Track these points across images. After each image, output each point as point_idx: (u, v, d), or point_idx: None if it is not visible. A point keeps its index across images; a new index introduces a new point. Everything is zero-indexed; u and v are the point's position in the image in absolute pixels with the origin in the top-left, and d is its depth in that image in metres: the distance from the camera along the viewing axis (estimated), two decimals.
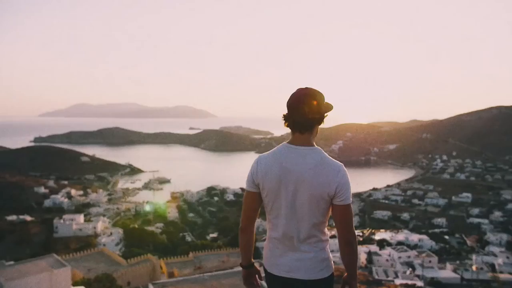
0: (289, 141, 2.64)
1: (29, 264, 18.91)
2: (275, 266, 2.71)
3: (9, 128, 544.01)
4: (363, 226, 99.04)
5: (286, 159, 2.54)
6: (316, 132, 2.69)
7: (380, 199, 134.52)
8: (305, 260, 2.61)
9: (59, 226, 71.62)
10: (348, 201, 2.54)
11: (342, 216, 2.55)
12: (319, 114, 2.58)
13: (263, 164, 2.61)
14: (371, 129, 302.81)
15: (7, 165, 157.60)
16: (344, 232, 2.58)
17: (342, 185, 2.50)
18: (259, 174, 2.60)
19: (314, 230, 2.60)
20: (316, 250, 2.63)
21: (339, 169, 2.54)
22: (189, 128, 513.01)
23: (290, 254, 2.64)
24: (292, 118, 2.59)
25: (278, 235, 2.65)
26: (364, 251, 62.62)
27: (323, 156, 2.57)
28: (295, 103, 2.56)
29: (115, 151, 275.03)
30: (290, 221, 2.57)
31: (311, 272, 2.61)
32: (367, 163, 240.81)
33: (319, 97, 2.59)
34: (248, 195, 2.72)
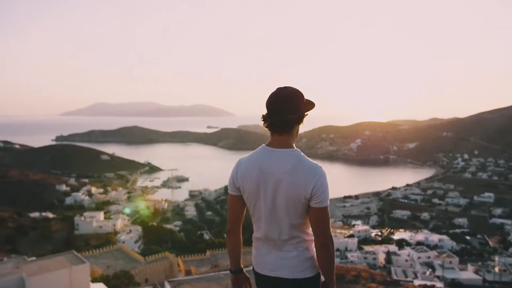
0: (268, 143, 2.59)
1: (49, 260, 19.26)
2: (260, 265, 2.71)
3: (32, 127, 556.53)
4: (382, 225, 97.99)
5: (264, 162, 2.52)
6: (297, 133, 2.64)
7: (399, 198, 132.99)
8: (289, 259, 2.59)
9: (79, 223, 72.89)
10: (324, 204, 2.48)
11: (318, 219, 2.50)
12: (298, 114, 2.53)
13: (243, 167, 2.59)
14: (390, 128, 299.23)
15: (30, 163, 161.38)
16: (319, 234, 2.53)
17: (318, 187, 2.44)
18: (239, 178, 2.59)
19: (295, 231, 2.57)
20: (299, 249, 2.60)
21: (316, 172, 2.47)
22: (207, 127, 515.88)
23: (274, 254, 2.63)
24: (271, 119, 2.54)
25: (261, 236, 2.66)
26: (382, 251, 61.99)
27: (301, 158, 2.52)
28: (273, 103, 2.52)
29: (134, 150, 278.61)
30: (271, 223, 2.56)
31: (295, 271, 2.59)
32: (386, 162, 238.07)
33: (298, 97, 2.54)
34: (231, 198, 2.71)
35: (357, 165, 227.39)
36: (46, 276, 16.94)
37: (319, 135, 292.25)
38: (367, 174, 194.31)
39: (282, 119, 2.49)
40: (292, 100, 2.50)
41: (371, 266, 53.22)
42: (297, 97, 2.53)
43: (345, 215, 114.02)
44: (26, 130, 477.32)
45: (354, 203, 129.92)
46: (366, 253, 60.47)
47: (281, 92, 2.53)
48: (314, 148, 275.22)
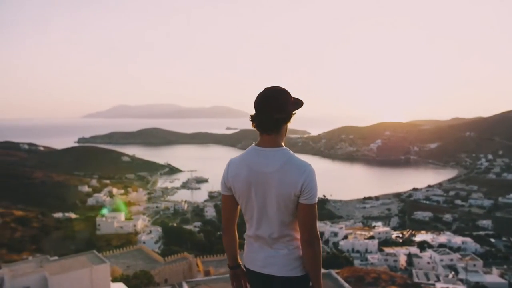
0: (257, 143, 2.64)
1: (71, 259, 19.63)
2: (251, 262, 2.77)
3: (55, 130, 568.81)
4: (403, 227, 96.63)
5: (253, 161, 2.57)
6: (285, 132, 2.67)
7: (421, 199, 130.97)
8: (279, 257, 2.63)
9: (101, 224, 74.06)
10: (312, 201, 2.50)
11: (305, 215, 2.52)
12: (285, 114, 2.56)
13: (233, 167, 2.66)
14: (410, 128, 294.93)
15: (54, 165, 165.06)
16: (305, 232, 2.55)
17: (307, 184, 2.45)
18: (229, 178, 2.65)
19: (286, 230, 2.61)
20: (290, 248, 2.63)
21: (305, 169, 2.49)
22: (226, 128, 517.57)
23: (265, 251, 2.68)
24: (259, 119, 2.57)
25: (252, 234, 2.71)
26: (404, 253, 61.10)
27: (290, 156, 2.55)
28: (260, 103, 2.55)
29: (154, 151, 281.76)
30: (262, 221, 2.61)
31: (284, 269, 2.62)
32: (406, 163, 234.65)
33: (285, 96, 2.56)
34: (223, 198, 2.77)
35: (377, 166, 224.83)
36: (67, 275, 17.28)
37: (338, 136, 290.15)
38: (388, 175, 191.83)
39: (269, 119, 2.53)
40: (279, 100, 2.53)
41: (392, 268, 52.51)
42: (284, 96, 2.55)
43: (365, 216, 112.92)
44: (49, 133, 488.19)
45: (374, 204, 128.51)
46: (386, 255, 59.72)
47: (268, 92, 2.56)
48: (333, 149, 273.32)
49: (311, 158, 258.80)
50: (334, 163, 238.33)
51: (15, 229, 66.57)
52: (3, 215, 73.69)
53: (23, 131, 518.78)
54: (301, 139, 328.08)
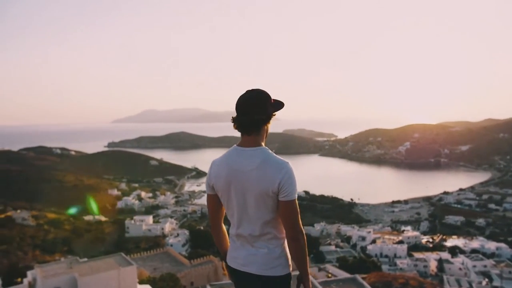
0: (238, 143, 2.74)
1: (99, 261, 20.06)
2: (232, 259, 2.83)
3: (86, 134, 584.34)
4: (433, 231, 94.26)
5: (233, 160, 2.65)
6: (265, 132, 2.76)
7: (452, 203, 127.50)
8: (259, 256, 2.69)
9: (130, 227, 75.47)
10: (291, 197, 2.55)
11: (287, 212, 2.58)
12: (264, 115, 2.66)
13: (215, 167, 2.76)
14: (440, 130, 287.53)
15: (85, 169, 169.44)
16: (289, 228, 2.61)
17: (285, 181, 2.52)
18: (212, 177, 2.76)
19: (267, 228, 2.66)
20: (270, 247, 2.69)
21: (283, 166, 2.56)
22: None
23: (246, 249, 2.73)
24: (239, 120, 2.68)
25: (234, 233, 2.78)
26: (434, 258, 59.48)
27: (269, 154, 2.63)
28: (240, 105, 2.66)
29: (182, 155, 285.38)
30: (243, 219, 2.69)
31: (264, 267, 2.67)
32: (436, 165, 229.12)
33: (264, 98, 2.68)
34: (208, 198, 2.88)
35: (406, 169, 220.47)
36: (96, 277, 17.67)
37: (366, 139, 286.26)
38: (417, 178, 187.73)
39: (249, 120, 2.63)
40: (259, 102, 2.65)
41: (422, 274, 51.24)
42: (264, 98, 2.68)
43: (393, 220, 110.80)
44: (80, 137, 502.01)
45: (403, 208, 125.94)
46: (416, 260, 58.28)
47: (248, 94, 2.68)
48: (361, 152, 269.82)
49: (338, 161, 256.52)
50: (362, 166, 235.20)
51: (48, 231, 68.71)
52: (37, 217, 76.20)
53: (56, 136, 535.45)
54: (328, 142, 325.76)
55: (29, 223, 69.33)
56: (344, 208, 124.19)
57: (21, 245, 57.06)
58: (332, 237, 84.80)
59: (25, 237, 61.20)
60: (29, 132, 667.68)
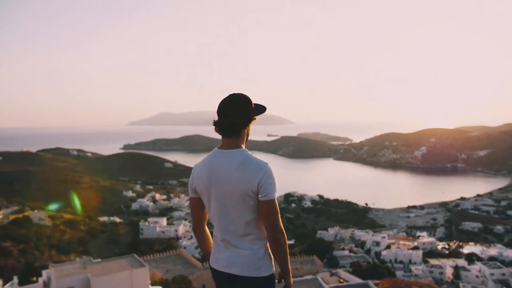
0: (219, 146, 2.83)
1: (112, 262, 20.25)
2: (216, 261, 2.86)
3: (102, 136, 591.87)
4: (450, 238, 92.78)
5: (214, 162, 2.74)
6: (245, 135, 2.86)
7: (469, 209, 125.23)
8: (242, 257, 2.72)
9: (144, 228, 76.04)
10: (270, 197, 2.60)
11: (267, 212, 2.62)
12: (244, 118, 2.75)
13: (197, 170, 2.84)
14: (458, 134, 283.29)
15: (101, 170, 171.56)
16: (270, 227, 2.66)
17: (264, 181, 2.58)
18: (194, 180, 2.83)
19: (249, 228, 2.70)
20: (253, 248, 2.72)
21: (262, 167, 2.63)
22: (267, 135, 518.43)
23: (229, 250, 2.76)
24: (220, 124, 2.75)
25: (217, 234, 2.83)
26: (450, 265, 58.47)
27: (248, 155, 2.71)
28: (221, 109, 2.74)
29: (196, 158, 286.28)
30: (224, 220, 2.72)
31: (247, 269, 2.70)
32: (453, 171, 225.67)
33: (245, 102, 2.76)
34: (191, 201, 2.94)
35: (422, 173, 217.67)
36: (109, 277, 17.84)
37: (381, 143, 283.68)
38: (433, 183, 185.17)
39: (229, 123, 2.71)
40: (239, 105, 2.73)
41: (438, 281, 50.42)
42: (244, 102, 2.76)
43: (409, 225, 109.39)
44: (97, 139, 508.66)
45: (419, 214, 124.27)
46: (432, 267, 57.37)
47: (228, 98, 2.77)
48: (376, 156, 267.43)
49: (352, 165, 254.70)
50: (377, 170, 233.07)
51: (64, 232, 69.57)
52: (54, 217, 77.25)
53: (73, 138, 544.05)
54: (342, 146, 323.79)
55: (45, 223, 70.32)
56: (358, 212, 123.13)
57: (38, 244, 57.90)
58: (346, 241, 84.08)
59: (41, 237, 62.07)
60: (47, 134, 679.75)
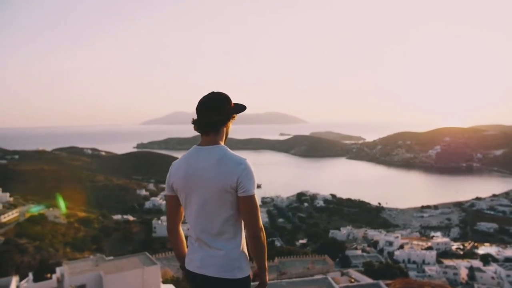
0: (198, 143, 2.78)
1: (124, 260, 20.45)
2: (190, 262, 2.78)
3: (116, 136, 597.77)
4: (464, 238, 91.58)
5: (191, 158, 2.69)
6: (224, 133, 2.82)
7: (485, 209, 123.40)
8: (216, 257, 2.64)
9: (157, 227, 76.61)
10: (250, 192, 2.57)
11: (246, 208, 2.59)
12: (223, 116, 2.72)
13: (175, 166, 2.77)
14: (473, 133, 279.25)
15: (114, 169, 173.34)
16: (249, 224, 2.62)
17: (243, 176, 2.55)
18: (171, 177, 2.76)
19: (226, 226, 2.64)
20: (228, 248, 2.64)
21: (241, 162, 2.60)
22: (280, 134, 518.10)
23: (203, 251, 2.69)
24: (198, 121, 2.73)
25: (193, 233, 2.76)
26: (465, 266, 57.72)
27: (226, 152, 2.67)
28: (199, 107, 2.73)
29: None
30: (200, 218, 2.67)
31: (221, 270, 2.62)
32: (468, 170, 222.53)
33: (223, 100, 2.74)
34: (167, 199, 2.86)
35: (436, 173, 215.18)
36: (121, 275, 18.01)
37: (394, 142, 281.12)
38: (448, 183, 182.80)
39: (207, 121, 2.69)
40: (217, 103, 2.71)
41: (452, 282, 49.81)
42: (223, 100, 2.74)
43: (422, 225, 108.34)
44: (111, 138, 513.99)
45: (433, 214, 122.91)
46: (446, 268, 56.72)
47: (207, 96, 2.76)
48: (389, 156, 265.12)
49: (365, 165, 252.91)
50: (390, 170, 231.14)
51: (79, 229, 70.42)
52: (68, 215, 78.31)
53: (87, 137, 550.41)
54: (355, 145, 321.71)
55: (60, 221, 71.26)
56: (371, 212, 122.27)
57: (53, 242, 58.76)
58: (359, 241, 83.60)
59: (56, 234, 62.94)
60: (62, 133, 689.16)
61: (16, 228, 60.68)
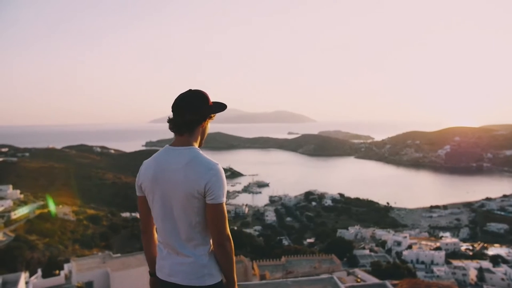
0: (171, 143, 2.66)
1: (131, 257, 20.60)
2: (160, 269, 2.64)
3: (125, 134, 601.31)
4: (474, 239, 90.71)
5: (161, 159, 2.55)
6: (201, 133, 2.70)
7: (495, 210, 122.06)
8: (185, 265, 2.52)
9: None
10: (219, 200, 2.42)
11: (213, 216, 2.44)
12: (198, 115, 2.59)
13: (144, 166, 2.63)
14: (483, 133, 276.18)
15: (123, 167, 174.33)
16: (215, 233, 2.48)
17: (212, 183, 2.40)
18: (140, 177, 2.61)
19: (193, 232, 2.50)
20: (196, 255, 2.52)
21: (211, 167, 2.47)
22: (288, 133, 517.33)
23: (172, 258, 2.56)
24: (173, 120, 2.61)
25: (160, 239, 2.61)
26: (474, 267, 57.14)
27: (197, 154, 2.53)
28: (174, 106, 2.59)
29: (217, 155, 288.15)
30: (167, 222, 2.52)
31: (190, 277, 2.51)
32: (479, 170, 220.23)
33: (200, 98, 2.60)
34: (138, 200, 2.70)
35: (445, 173, 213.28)
36: (127, 272, 18.15)
37: (403, 142, 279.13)
38: (457, 183, 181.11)
39: (181, 120, 2.57)
40: (193, 102, 2.57)
41: (460, 283, 49.38)
42: (199, 99, 2.59)
43: (431, 225, 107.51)
44: (120, 137, 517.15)
45: (442, 214, 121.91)
46: (455, 268, 56.20)
47: (183, 94, 2.60)
48: (398, 155, 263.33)
49: (374, 164, 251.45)
50: (399, 169, 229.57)
51: (87, 226, 71.01)
52: (77, 213, 78.99)
53: (96, 135, 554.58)
54: (364, 144, 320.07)
55: (69, 218, 71.94)
56: (379, 211, 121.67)
57: (62, 239, 59.36)
58: (367, 241, 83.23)
59: (65, 231, 63.54)
60: (72, 131, 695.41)
61: (26, 225, 61.39)
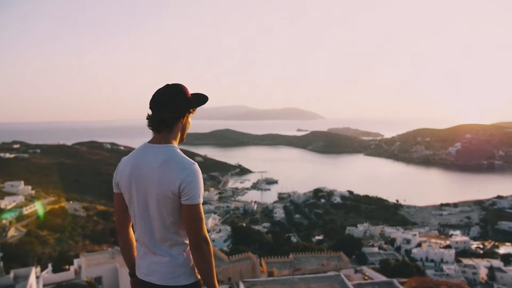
0: (149, 141, 2.54)
1: None
2: (138, 269, 2.60)
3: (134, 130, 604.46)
4: (484, 237, 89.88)
5: (139, 157, 2.47)
6: (180, 130, 2.57)
7: (506, 208, 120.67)
8: (161, 264, 2.47)
9: None
10: (194, 201, 2.34)
11: (189, 217, 2.36)
12: (176, 112, 2.47)
13: (122, 163, 2.55)
14: (495, 130, 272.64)
15: None
16: (191, 234, 2.39)
17: (187, 183, 2.32)
18: (117, 174, 2.55)
19: (168, 232, 2.44)
20: (172, 254, 2.46)
21: (187, 167, 2.36)
22: (297, 130, 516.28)
23: (149, 257, 2.52)
24: (151, 118, 2.49)
25: (137, 237, 2.56)
26: (484, 266, 56.63)
27: (174, 153, 2.43)
28: (151, 102, 2.48)
29: (226, 152, 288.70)
30: (143, 221, 2.47)
31: (166, 277, 2.46)
32: (490, 168, 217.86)
33: (177, 94, 2.47)
34: (115, 197, 2.63)
35: (456, 170, 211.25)
36: None
37: (413, 139, 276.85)
38: (468, 181, 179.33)
39: (159, 117, 2.45)
40: (168, 98, 2.45)
41: (471, 282, 49.00)
42: (175, 94, 2.47)
43: (441, 224, 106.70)
44: (129, 133, 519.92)
45: (452, 212, 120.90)
46: (465, 267, 55.78)
47: (160, 90, 2.49)
48: (408, 152, 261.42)
49: (384, 161, 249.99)
50: (409, 167, 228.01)
51: (98, 222, 71.70)
52: (88, 209, 79.78)
53: (106, 131, 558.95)
54: (373, 142, 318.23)
55: (80, 214, 72.66)
56: (389, 209, 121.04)
57: (73, 234, 60.08)
58: (376, 238, 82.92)
59: (76, 227, 64.26)
60: (82, 128, 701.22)
61: (37, 220, 62.10)
